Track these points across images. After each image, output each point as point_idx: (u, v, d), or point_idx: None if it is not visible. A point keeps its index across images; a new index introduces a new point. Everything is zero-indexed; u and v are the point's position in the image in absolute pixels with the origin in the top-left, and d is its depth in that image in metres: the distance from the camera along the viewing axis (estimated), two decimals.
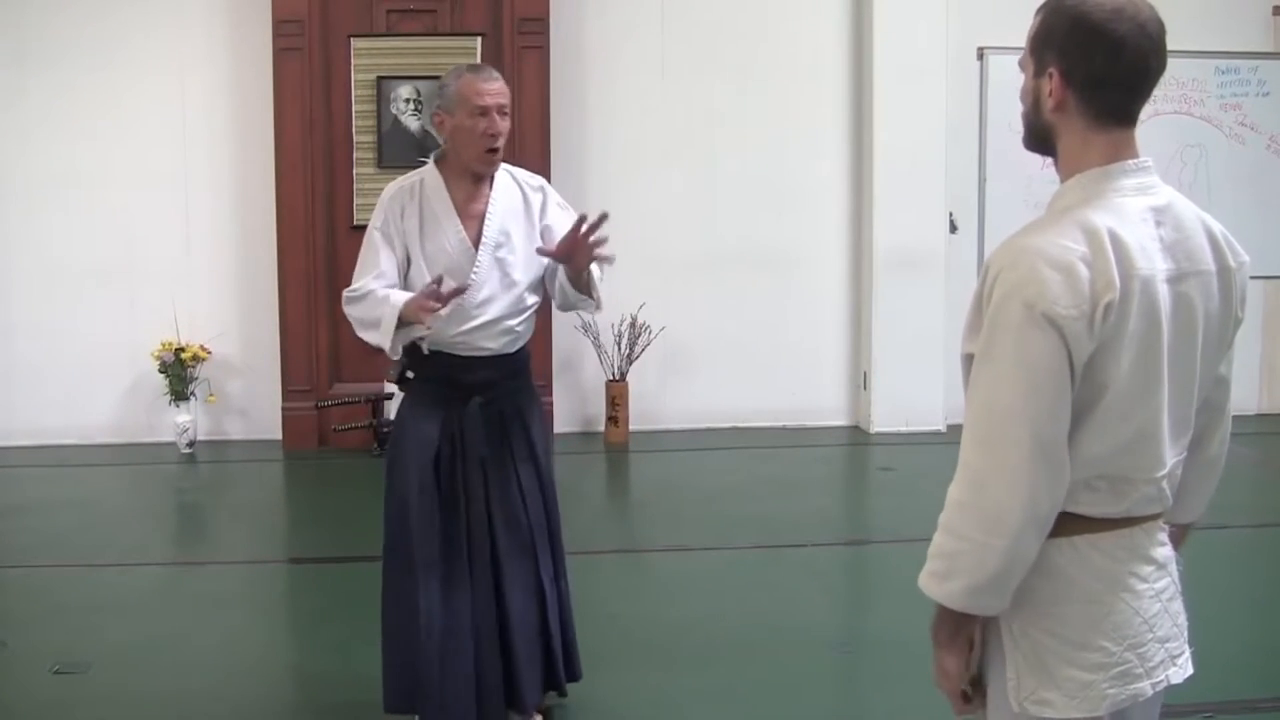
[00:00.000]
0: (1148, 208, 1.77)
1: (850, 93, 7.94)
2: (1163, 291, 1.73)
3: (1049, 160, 1.88)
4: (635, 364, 7.61)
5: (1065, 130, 1.80)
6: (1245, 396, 8.16)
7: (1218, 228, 1.85)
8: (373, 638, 3.47)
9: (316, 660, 4.28)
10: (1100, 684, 1.77)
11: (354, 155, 7.37)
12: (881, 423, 7.82)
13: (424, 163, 3.49)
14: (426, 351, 3.38)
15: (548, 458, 3.58)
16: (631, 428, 7.67)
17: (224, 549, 5.83)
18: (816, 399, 8.01)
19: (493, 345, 3.40)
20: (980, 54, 7.58)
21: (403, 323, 3.24)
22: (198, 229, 7.66)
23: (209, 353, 7.45)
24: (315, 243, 7.40)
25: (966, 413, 1.76)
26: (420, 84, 7.33)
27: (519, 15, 7.38)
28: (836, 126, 7.97)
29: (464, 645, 3.34)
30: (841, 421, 8.06)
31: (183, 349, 7.35)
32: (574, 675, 3.65)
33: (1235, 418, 2.05)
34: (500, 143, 3.32)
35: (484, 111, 3.27)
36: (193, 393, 7.43)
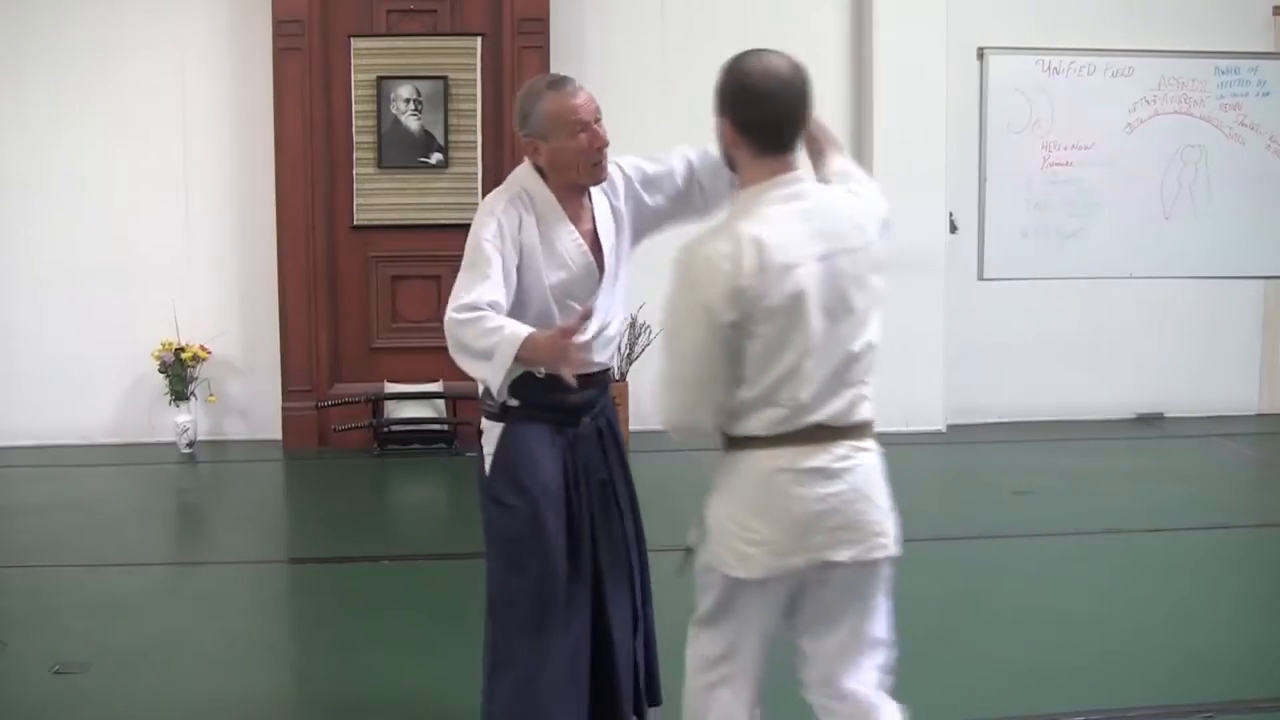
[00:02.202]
0: (796, 210, 2.44)
1: (850, 93, 7.93)
2: (811, 269, 2.39)
3: (1048, 160, 2.11)
4: (635, 364, 7.60)
5: (739, 158, 2.52)
6: (1245, 396, 8.12)
7: (860, 217, 2.52)
8: (372, 638, 3.45)
9: (316, 661, 4.28)
10: (757, 556, 2.48)
11: (354, 155, 7.36)
12: (881, 423, 7.76)
13: (425, 162, 3.40)
14: (542, 374, 2.93)
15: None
16: (631, 428, 7.66)
17: (224, 549, 5.83)
18: None
19: (600, 358, 3.14)
20: (980, 54, 7.57)
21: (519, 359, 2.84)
22: (198, 229, 7.65)
23: (209, 353, 7.45)
24: (315, 243, 7.40)
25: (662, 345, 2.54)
26: (420, 84, 7.32)
27: (519, 15, 7.37)
28: (837, 126, 7.87)
29: (584, 685, 3.17)
30: None
31: (183, 349, 7.34)
32: (655, 700, 3.43)
33: (1236, 418, 2.07)
34: (607, 153, 3.14)
35: (584, 127, 3.09)
36: (193, 393, 7.43)
